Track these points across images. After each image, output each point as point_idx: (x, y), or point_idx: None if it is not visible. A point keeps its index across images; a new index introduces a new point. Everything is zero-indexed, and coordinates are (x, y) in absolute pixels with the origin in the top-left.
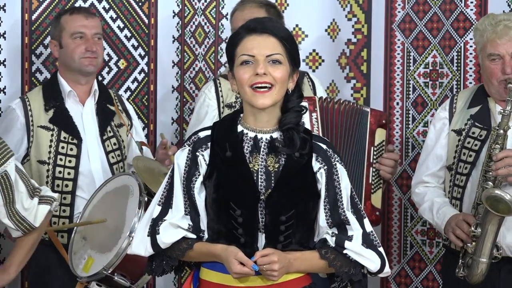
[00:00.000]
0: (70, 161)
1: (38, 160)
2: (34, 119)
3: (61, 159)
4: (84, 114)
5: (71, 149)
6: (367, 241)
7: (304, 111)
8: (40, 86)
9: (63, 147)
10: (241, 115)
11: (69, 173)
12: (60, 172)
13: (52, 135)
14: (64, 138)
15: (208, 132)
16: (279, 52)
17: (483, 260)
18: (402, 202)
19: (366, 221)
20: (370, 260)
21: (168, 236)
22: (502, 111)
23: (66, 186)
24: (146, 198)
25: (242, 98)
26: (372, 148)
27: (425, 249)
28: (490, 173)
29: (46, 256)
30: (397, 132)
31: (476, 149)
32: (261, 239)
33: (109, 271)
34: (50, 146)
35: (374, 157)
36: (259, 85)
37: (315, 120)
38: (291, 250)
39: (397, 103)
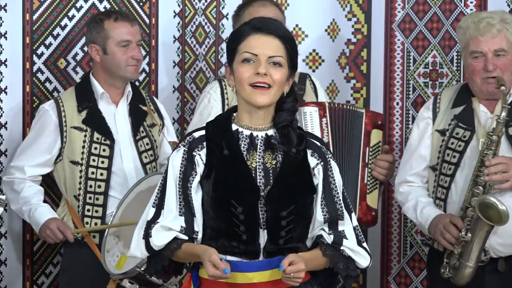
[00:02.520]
0: (103, 162)
1: (71, 160)
2: (67, 120)
3: (93, 160)
4: (117, 115)
5: (104, 150)
6: (357, 236)
7: (297, 111)
8: (73, 87)
9: (96, 148)
10: (234, 114)
11: (101, 174)
12: (93, 173)
13: (85, 135)
14: (97, 139)
15: (203, 132)
16: (281, 55)
17: (470, 264)
18: None
19: (353, 216)
20: (363, 257)
21: (159, 239)
22: (497, 117)
23: (99, 187)
24: None
25: (239, 95)
26: (367, 148)
27: (425, 249)
28: (482, 178)
29: (76, 255)
30: (397, 132)
31: (460, 150)
32: (263, 235)
33: (142, 269)
34: (83, 147)
35: (370, 157)
36: (259, 84)
37: (325, 126)
38: (292, 246)
39: (397, 103)
